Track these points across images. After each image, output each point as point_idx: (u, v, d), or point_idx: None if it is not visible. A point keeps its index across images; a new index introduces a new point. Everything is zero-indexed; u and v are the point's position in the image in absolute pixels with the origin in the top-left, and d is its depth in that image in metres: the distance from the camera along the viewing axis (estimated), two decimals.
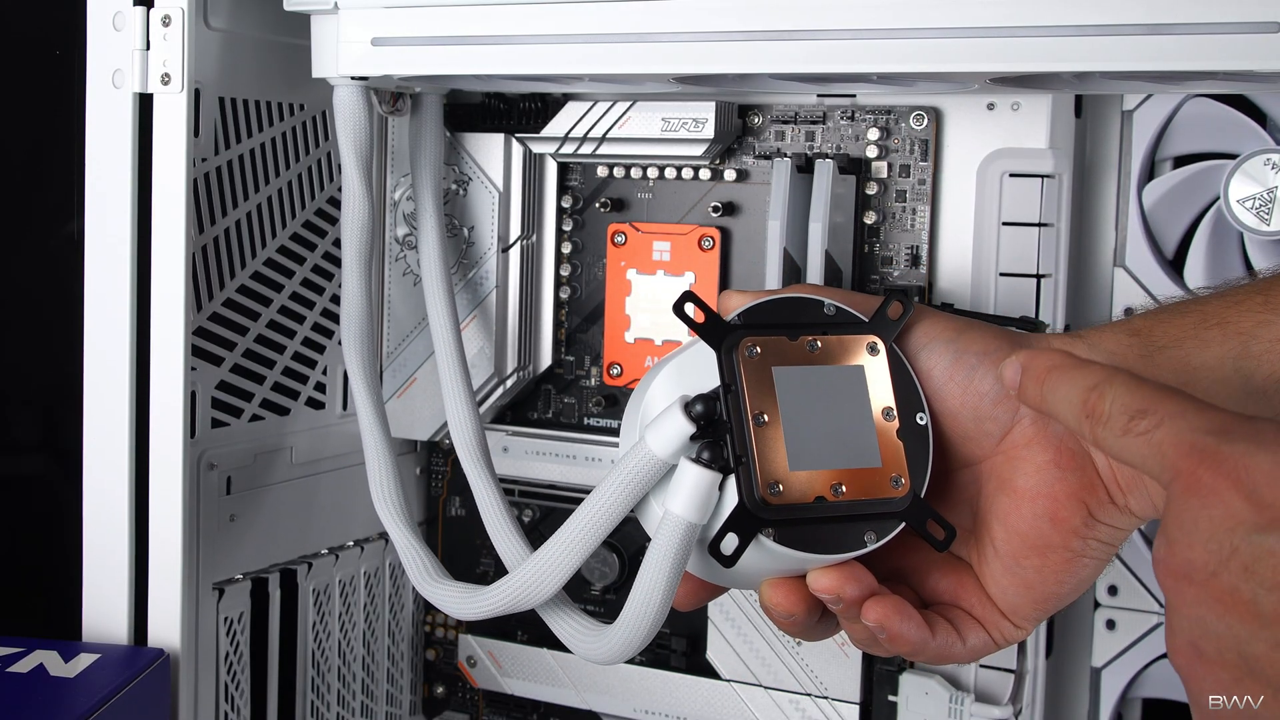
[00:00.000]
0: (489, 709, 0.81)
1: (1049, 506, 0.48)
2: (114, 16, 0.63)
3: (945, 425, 0.50)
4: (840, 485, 0.48)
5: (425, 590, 0.61)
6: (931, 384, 0.50)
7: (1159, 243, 0.69)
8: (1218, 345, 0.47)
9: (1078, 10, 0.50)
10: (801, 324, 0.50)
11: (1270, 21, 0.48)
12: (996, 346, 0.50)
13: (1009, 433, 0.49)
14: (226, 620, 0.67)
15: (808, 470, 0.48)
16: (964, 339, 0.50)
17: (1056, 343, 0.50)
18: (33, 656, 0.62)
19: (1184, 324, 0.48)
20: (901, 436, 0.49)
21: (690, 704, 0.73)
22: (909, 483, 0.49)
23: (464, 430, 0.66)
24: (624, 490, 0.49)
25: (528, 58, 0.59)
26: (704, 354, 0.49)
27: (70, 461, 0.65)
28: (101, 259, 0.64)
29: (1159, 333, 0.48)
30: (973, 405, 0.49)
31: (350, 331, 0.66)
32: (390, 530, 0.63)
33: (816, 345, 0.49)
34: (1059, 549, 0.48)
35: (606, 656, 0.53)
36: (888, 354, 0.50)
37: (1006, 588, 0.49)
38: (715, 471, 0.47)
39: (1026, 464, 0.48)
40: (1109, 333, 0.49)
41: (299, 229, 0.71)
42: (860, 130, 0.68)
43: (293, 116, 0.71)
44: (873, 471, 0.48)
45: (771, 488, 0.47)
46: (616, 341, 0.73)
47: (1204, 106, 0.66)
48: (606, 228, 0.73)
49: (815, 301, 0.51)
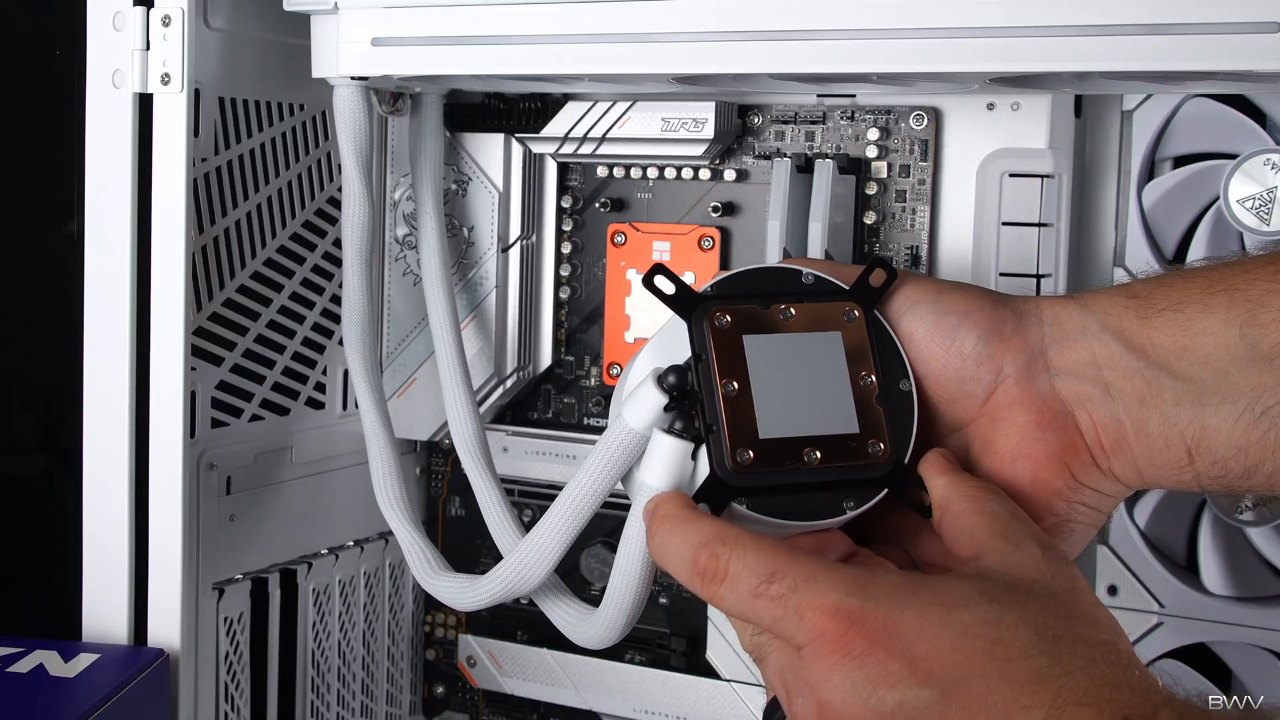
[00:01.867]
0: (489, 709, 0.81)
1: (1030, 468, 0.48)
2: (114, 16, 0.63)
3: (930, 389, 0.49)
4: (815, 451, 0.47)
5: (427, 583, 0.61)
6: (914, 348, 0.49)
7: (1159, 243, 0.69)
8: (1223, 310, 0.46)
9: (1078, 10, 0.50)
10: (777, 293, 0.49)
11: (1270, 21, 0.48)
12: (979, 306, 0.49)
13: (992, 394, 0.48)
14: (226, 620, 0.67)
15: (779, 437, 0.47)
16: (945, 299, 0.50)
17: (1050, 305, 0.49)
18: (33, 656, 0.62)
19: (1188, 288, 0.47)
20: (882, 403, 0.48)
21: (690, 704, 0.73)
22: (889, 448, 0.48)
23: (464, 430, 0.66)
24: (606, 466, 0.49)
25: (528, 58, 0.59)
26: (679, 327, 0.49)
27: (70, 461, 0.65)
28: (101, 259, 0.64)
29: (1159, 295, 0.47)
30: (956, 367, 0.49)
31: (351, 330, 0.66)
32: (393, 526, 0.63)
33: (790, 313, 0.49)
34: (1044, 512, 0.48)
35: (599, 635, 0.53)
36: (867, 321, 0.49)
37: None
38: (686, 441, 0.47)
39: (1008, 425, 0.48)
40: (1105, 295, 0.49)
41: (299, 229, 0.71)
42: (860, 130, 0.68)
43: (293, 116, 0.71)
44: (850, 438, 0.48)
45: (741, 455, 0.47)
46: (616, 341, 0.73)
47: (1204, 106, 0.66)
48: (606, 228, 0.73)
49: (794, 271, 0.50)
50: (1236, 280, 0.46)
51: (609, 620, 0.51)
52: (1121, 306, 0.48)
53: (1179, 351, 0.46)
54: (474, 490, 0.64)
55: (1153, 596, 0.69)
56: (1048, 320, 0.49)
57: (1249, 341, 0.45)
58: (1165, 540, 0.69)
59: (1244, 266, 0.47)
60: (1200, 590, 0.68)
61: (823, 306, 0.49)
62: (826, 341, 0.49)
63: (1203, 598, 0.68)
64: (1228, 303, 0.46)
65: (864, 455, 0.48)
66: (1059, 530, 0.48)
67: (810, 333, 0.49)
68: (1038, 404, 0.48)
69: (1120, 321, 0.47)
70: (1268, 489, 0.46)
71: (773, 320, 0.49)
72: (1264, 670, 0.68)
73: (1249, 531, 0.67)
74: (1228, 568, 0.68)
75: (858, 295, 0.50)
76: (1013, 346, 0.48)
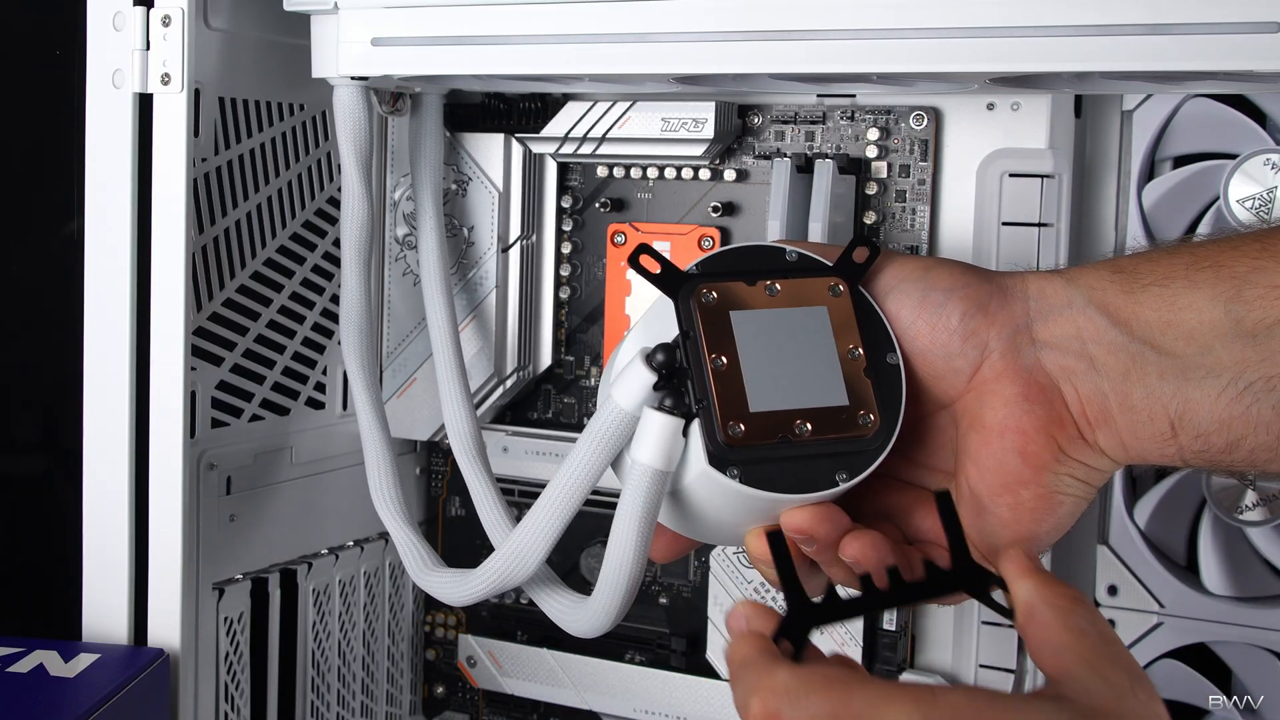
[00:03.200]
0: (489, 709, 0.81)
1: (1018, 441, 0.47)
2: (114, 16, 0.63)
3: (917, 365, 0.49)
4: (805, 424, 0.47)
5: (421, 580, 0.61)
6: (900, 324, 0.49)
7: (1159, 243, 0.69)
8: (1209, 286, 0.46)
9: (1078, 10, 0.50)
10: (762, 270, 0.49)
11: (1270, 21, 0.48)
12: (965, 282, 0.49)
13: (979, 368, 0.48)
14: (226, 620, 0.67)
15: (770, 410, 0.47)
16: (931, 276, 0.50)
17: (1035, 280, 0.49)
18: (33, 656, 0.62)
19: (1174, 264, 0.47)
20: (870, 375, 0.48)
21: (690, 704, 0.73)
22: (879, 420, 0.48)
23: (460, 430, 0.66)
24: (596, 448, 0.49)
25: (528, 58, 0.59)
26: (666, 306, 0.49)
27: (70, 461, 0.65)
28: (101, 259, 0.64)
29: (1145, 270, 0.47)
30: (942, 342, 0.49)
31: (350, 331, 0.66)
32: (389, 526, 0.64)
33: (776, 289, 0.49)
34: (1031, 485, 0.48)
35: (593, 623, 0.53)
36: (853, 296, 0.49)
37: (983, 528, 0.49)
38: (677, 417, 0.47)
39: (995, 398, 0.48)
40: (1090, 270, 0.49)
41: (299, 229, 0.71)
42: (860, 130, 0.68)
43: (293, 116, 0.71)
44: (839, 409, 0.48)
45: (732, 428, 0.47)
46: (616, 341, 0.73)
47: (1204, 106, 0.66)
48: (606, 228, 0.73)
49: (778, 249, 0.50)
50: (1223, 257, 0.46)
51: (601, 607, 0.51)
52: (1107, 281, 0.48)
53: (1163, 326, 0.46)
54: (469, 490, 0.64)
55: (1153, 596, 0.69)
56: (1033, 295, 0.49)
57: (1233, 317, 0.45)
58: (1165, 540, 0.69)
59: (1231, 243, 0.47)
60: (1200, 590, 0.68)
61: (808, 282, 0.49)
62: (813, 316, 0.49)
63: (1203, 598, 0.68)
64: (1214, 278, 0.46)
65: (854, 426, 0.48)
66: (1048, 503, 0.48)
67: (796, 308, 0.49)
68: (1023, 377, 0.48)
69: (1105, 296, 0.47)
70: (1249, 464, 0.47)
71: (759, 296, 0.49)
72: (1264, 670, 0.68)
73: (1249, 531, 0.67)
74: (1228, 568, 0.68)
75: (842, 271, 0.50)
76: (998, 321, 0.48)
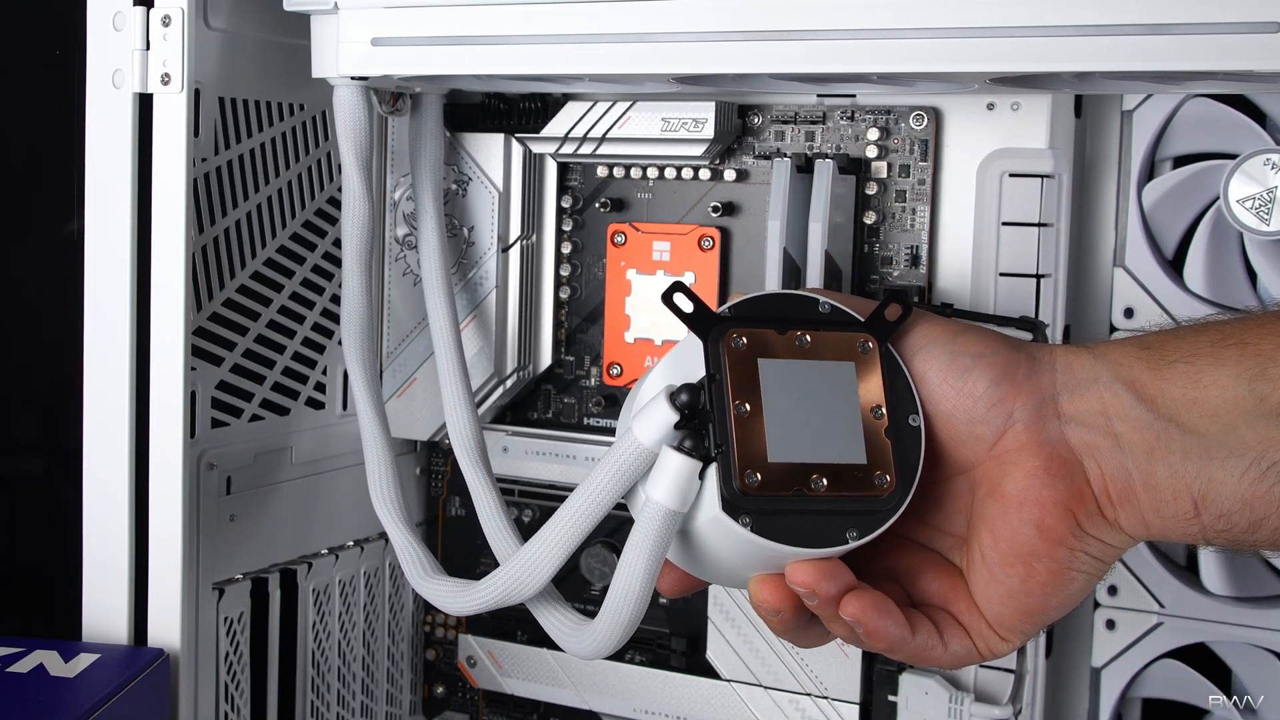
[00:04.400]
0: (489, 709, 0.81)
1: (1036, 513, 0.47)
2: (114, 16, 0.63)
3: (939, 428, 0.50)
4: (822, 479, 0.48)
5: (420, 587, 0.61)
6: (926, 386, 0.50)
7: (1159, 243, 0.69)
8: (1233, 364, 0.46)
9: (1078, 10, 0.50)
10: (793, 319, 0.50)
11: (1270, 21, 0.48)
12: (993, 349, 0.49)
13: (1001, 437, 0.49)
14: (226, 620, 0.67)
15: (788, 461, 0.47)
16: (960, 341, 0.50)
17: (1064, 354, 0.49)
18: (33, 656, 0.62)
19: (1199, 341, 0.47)
20: (890, 436, 0.49)
21: (690, 704, 0.73)
22: (895, 481, 0.48)
23: (462, 431, 0.66)
24: (611, 479, 0.49)
25: (528, 58, 0.59)
26: (695, 345, 0.49)
27: (70, 461, 0.65)
28: (101, 259, 0.64)
29: (1172, 347, 0.48)
30: (966, 408, 0.49)
31: (350, 331, 0.66)
32: (388, 529, 0.63)
33: (806, 340, 0.49)
34: (1044, 559, 0.48)
35: (593, 648, 0.52)
36: (881, 354, 0.50)
37: (992, 596, 0.49)
38: (695, 459, 0.47)
39: (1016, 469, 0.48)
40: (1118, 346, 0.49)
41: (299, 229, 0.71)
42: (860, 130, 0.68)
43: (293, 116, 0.71)
44: (857, 468, 0.48)
45: (749, 477, 0.47)
46: (616, 341, 0.73)
47: (1204, 106, 0.66)
48: (606, 228, 0.73)
49: (810, 299, 0.51)
50: (1248, 335, 0.46)
51: (606, 629, 0.51)
52: (1134, 357, 0.48)
53: (1188, 403, 0.46)
54: (470, 490, 0.64)
55: (1153, 596, 0.69)
56: (1060, 368, 0.49)
57: (1257, 396, 0.45)
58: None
59: (1257, 321, 0.47)
60: (1200, 590, 0.68)
61: (838, 336, 0.50)
62: (840, 371, 0.49)
63: (1203, 598, 0.68)
64: (1238, 356, 0.46)
65: (870, 486, 0.48)
66: (1060, 578, 0.48)
67: (824, 361, 0.49)
68: (1047, 450, 0.48)
69: (1132, 372, 0.47)
70: (1271, 544, 0.46)
71: (788, 346, 0.49)
72: (1264, 670, 0.68)
73: None
74: (1227, 568, 0.68)
75: (873, 328, 0.50)
76: (1025, 391, 0.48)
